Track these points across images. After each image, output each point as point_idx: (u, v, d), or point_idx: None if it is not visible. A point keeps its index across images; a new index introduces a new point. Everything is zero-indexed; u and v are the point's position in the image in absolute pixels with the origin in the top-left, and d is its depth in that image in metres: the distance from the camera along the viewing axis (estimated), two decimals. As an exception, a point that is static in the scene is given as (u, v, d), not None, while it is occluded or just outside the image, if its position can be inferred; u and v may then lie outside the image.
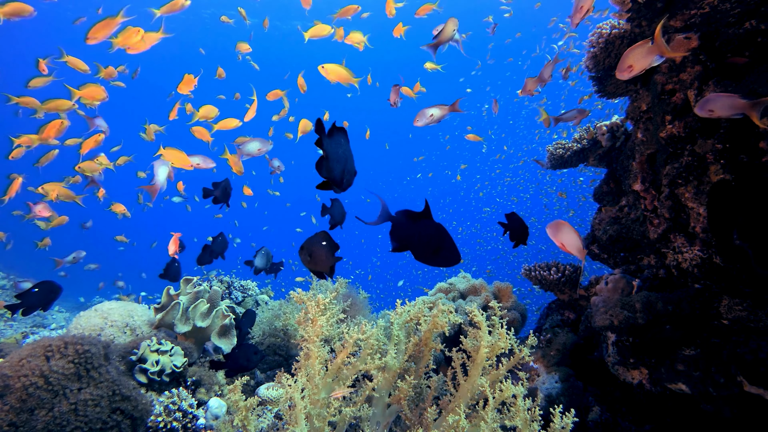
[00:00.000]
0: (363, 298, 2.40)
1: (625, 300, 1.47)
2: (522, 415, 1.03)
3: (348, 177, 1.01)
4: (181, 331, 2.01)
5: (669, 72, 1.46)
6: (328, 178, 1.00)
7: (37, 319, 4.61)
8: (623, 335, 1.45)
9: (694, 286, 1.36)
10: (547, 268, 2.10)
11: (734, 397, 1.20)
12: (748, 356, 1.16)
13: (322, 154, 1.00)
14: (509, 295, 2.17)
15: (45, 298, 1.73)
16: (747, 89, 1.20)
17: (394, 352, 1.25)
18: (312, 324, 1.18)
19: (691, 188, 1.36)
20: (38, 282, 1.73)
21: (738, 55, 1.29)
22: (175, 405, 1.52)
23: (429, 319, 1.29)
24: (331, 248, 1.19)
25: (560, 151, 2.39)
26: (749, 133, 1.21)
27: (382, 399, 1.24)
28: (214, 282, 2.78)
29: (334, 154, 0.99)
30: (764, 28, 1.21)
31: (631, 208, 1.90)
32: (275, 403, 1.76)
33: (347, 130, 1.02)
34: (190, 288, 2.17)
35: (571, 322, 2.05)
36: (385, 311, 2.25)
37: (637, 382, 1.40)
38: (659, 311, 1.36)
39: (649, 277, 1.65)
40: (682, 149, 1.40)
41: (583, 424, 1.57)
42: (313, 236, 1.17)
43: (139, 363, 1.72)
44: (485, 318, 1.17)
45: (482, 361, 1.14)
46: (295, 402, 1.08)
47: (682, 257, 1.39)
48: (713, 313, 1.27)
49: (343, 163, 1.00)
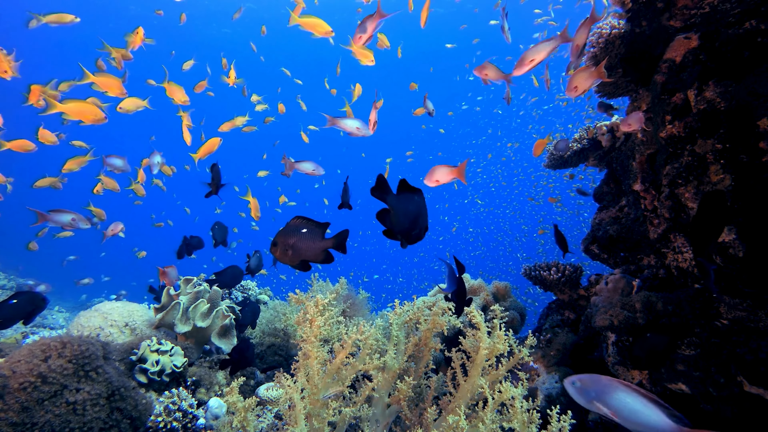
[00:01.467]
0: (362, 298, 2.40)
1: (625, 300, 1.47)
2: (520, 417, 1.03)
3: (417, 232, 1.04)
4: (181, 331, 2.01)
5: (669, 72, 1.46)
6: (397, 232, 1.05)
7: (37, 320, 4.61)
8: (623, 335, 1.44)
9: (694, 286, 1.36)
10: (547, 268, 2.10)
11: (734, 397, 1.20)
12: (748, 356, 1.15)
13: (387, 208, 1.05)
14: (508, 294, 2.17)
15: (24, 311, 1.60)
16: (747, 89, 1.20)
17: (394, 352, 1.25)
18: (311, 324, 1.18)
19: (691, 188, 1.36)
20: (17, 292, 1.62)
21: (738, 55, 1.28)
22: (175, 405, 1.51)
23: (429, 319, 1.29)
24: (314, 232, 1.07)
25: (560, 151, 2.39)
26: (749, 133, 1.21)
27: (381, 399, 1.24)
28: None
29: (403, 209, 1.03)
30: (764, 28, 1.21)
31: (631, 208, 1.90)
32: (275, 404, 1.76)
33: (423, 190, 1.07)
34: (190, 288, 2.17)
35: (571, 322, 2.05)
36: (384, 311, 2.25)
37: (638, 382, 1.40)
38: (659, 311, 1.35)
39: (649, 277, 1.65)
40: (682, 149, 1.40)
41: (582, 424, 1.57)
42: (285, 226, 1.09)
43: (139, 363, 1.72)
44: (484, 319, 1.17)
45: (482, 362, 1.14)
46: (294, 402, 1.08)
47: (682, 257, 1.39)
48: (713, 313, 1.27)
49: (412, 218, 1.03)
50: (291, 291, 1.28)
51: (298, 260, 1.08)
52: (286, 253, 1.07)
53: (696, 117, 1.34)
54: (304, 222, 1.08)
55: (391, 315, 1.29)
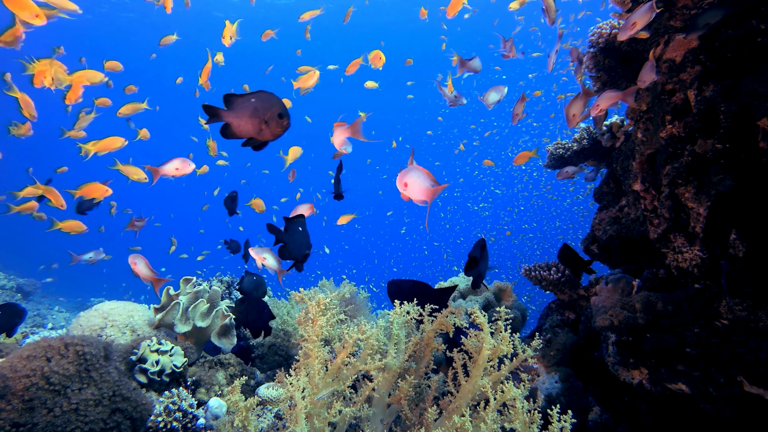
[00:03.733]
0: (363, 298, 2.40)
1: (625, 300, 1.47)
2: (521, 417, 1.03)
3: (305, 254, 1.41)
4: (181, 331, 2.01)
5: (669, 72, 1.46)
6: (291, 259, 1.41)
7: (37, 320, 4.61)
8: (623, 335, 1.45)
9: (694, 286, 1.37)
10: (547, 268, 2.10)
11: (734, 397, 1.20)
12: (748, 356, 1.16)
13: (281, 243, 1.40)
14: (509, 294, 2.17)
15: (6, 323, 1.65)
16: (747, 89, 1.20)
17: (394, 351, 1.25)
18: (312, 324, 1.18)
19: (691, 188, 1.36)
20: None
21: (738, 55, 1.29)
22: (175, 405, 1.51)
23: (432, 319, 1.29)
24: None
25: (560, 151, 2.39)
26: (749, 133, 1.21)
27: (382, 399, 1.24)
28: (214, 282, 2.78)
29: (293, 241, 1.39)
30: (764, 28, 1.21)
31: (631, 208, 1.90)
32: (275, 403, 1.76)
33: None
34: (189, 288, 2.17)
35: (571, 322, 2.05)
36: (385, 311, 2.25)
37: (637, 382, 1.40)
38: (659, 311, 1.36)
39: (649, 277, 1.65)
40: (682, 149, 1.40)
41: (582, 424, 1.57)
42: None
43: (139, 363, 1.72)
44: (487, 319, 1.17)
45: (484, 362, 1.14)
46: (295, 401, 1.08)
47: (682, 257, 1.39)
48: (713, 313, 1.27)
49: (300, 246, 1.39)
50: (288, 291, 1.36)
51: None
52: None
53: (696, 117, 1.34)
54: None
55: (392, 314, 1.29)
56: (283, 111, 0.97)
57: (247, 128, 0.97)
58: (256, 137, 0.99)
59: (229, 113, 0.96)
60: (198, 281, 2.26)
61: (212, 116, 0.96)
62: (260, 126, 0.97)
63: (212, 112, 0.96)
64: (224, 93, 0.96)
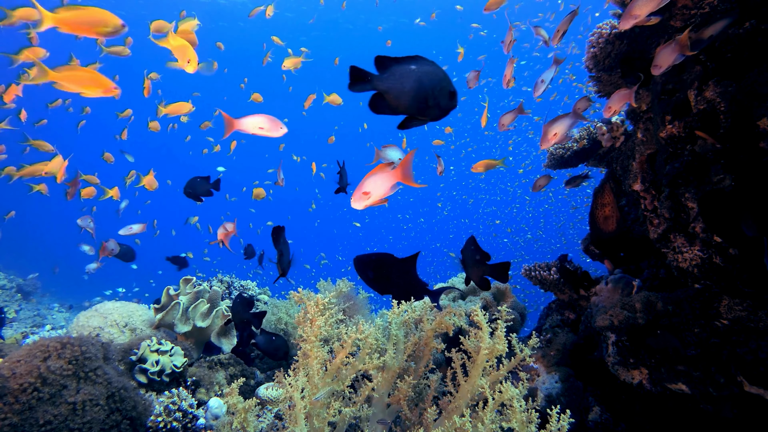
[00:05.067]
0: (363, 297, 2.40)
1: (625, 300, 1.47)
2: (519, 416, 1.03)
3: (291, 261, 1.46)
4: (181, 331, 2.01)
5: (669, 72, 1.46)
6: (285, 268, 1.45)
7: (37, 319, 4.61)
8: (623, 335, 1.44)
9: (694, 286, 1.36)
10: (547, 268, 2.09)
11: (734, 397, 1.20)
12: (748, 356, 1.15)
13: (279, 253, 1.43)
14: (509, 295, 2.17)
15: None
16: (747, 89, 1.20)
17: (393, 351, 1.25)
18: (311, 324, 1.18)
19: (691, 188, 1.36)
20: None
21: (738, 55, 1.28)
22: (175, 405, 1.51)
23: (431, 319, 1.29)
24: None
25: (560, 151, 2.39)
26: (749, 133, 1.21)
27: (381, 399, 1.24)
28: (214, 282, 2.78)
29: (285, 249, 1.44)
30: (764, 28, 1.21)
31: (631, 208, 1.90)
32: (275, 403, 1.76)
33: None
34: (189, 288, 2.17)
35: (571, 322, 2.05)
36: (384, 310, 2.24)
37: (637, 382, 1.40)
38: (659, 311, 1.35)
39: (649, 277, 1.65)
40: (682, 149, 1.40)
41: (582, 424, 1.57)
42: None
43: (139, 363, 1.72)
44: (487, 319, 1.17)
45: (482, 362, 1.14)
46: (294, 402, 1.08)
47: (682, 257, 1.39)
48: (713, 313, 1.27)
49: (288, 254, 1.45)
50: (287, 291, 1.37)
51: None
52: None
53: (696, 117, 1.34)
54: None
55: (390, 314, 1.29)
56: (453, 86, 0.79)
57: (406, 102, 0.77)
58: (417, 115, 0.79)
59: (385, 80, 0.76)
60: (198, 281, 2.26)
61: (358, 80, 0.77)
62: (426, 102, 0.77)
63: (360, 75, 0.77)
64: (376, 55, 0.75)
